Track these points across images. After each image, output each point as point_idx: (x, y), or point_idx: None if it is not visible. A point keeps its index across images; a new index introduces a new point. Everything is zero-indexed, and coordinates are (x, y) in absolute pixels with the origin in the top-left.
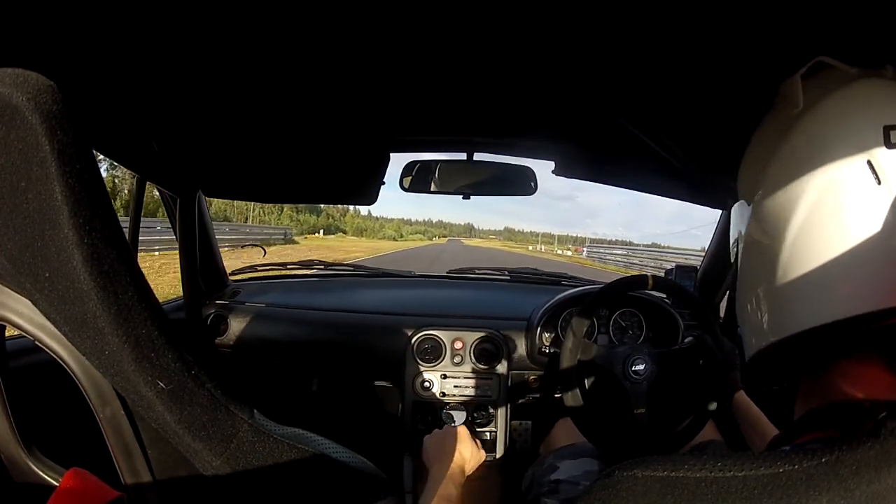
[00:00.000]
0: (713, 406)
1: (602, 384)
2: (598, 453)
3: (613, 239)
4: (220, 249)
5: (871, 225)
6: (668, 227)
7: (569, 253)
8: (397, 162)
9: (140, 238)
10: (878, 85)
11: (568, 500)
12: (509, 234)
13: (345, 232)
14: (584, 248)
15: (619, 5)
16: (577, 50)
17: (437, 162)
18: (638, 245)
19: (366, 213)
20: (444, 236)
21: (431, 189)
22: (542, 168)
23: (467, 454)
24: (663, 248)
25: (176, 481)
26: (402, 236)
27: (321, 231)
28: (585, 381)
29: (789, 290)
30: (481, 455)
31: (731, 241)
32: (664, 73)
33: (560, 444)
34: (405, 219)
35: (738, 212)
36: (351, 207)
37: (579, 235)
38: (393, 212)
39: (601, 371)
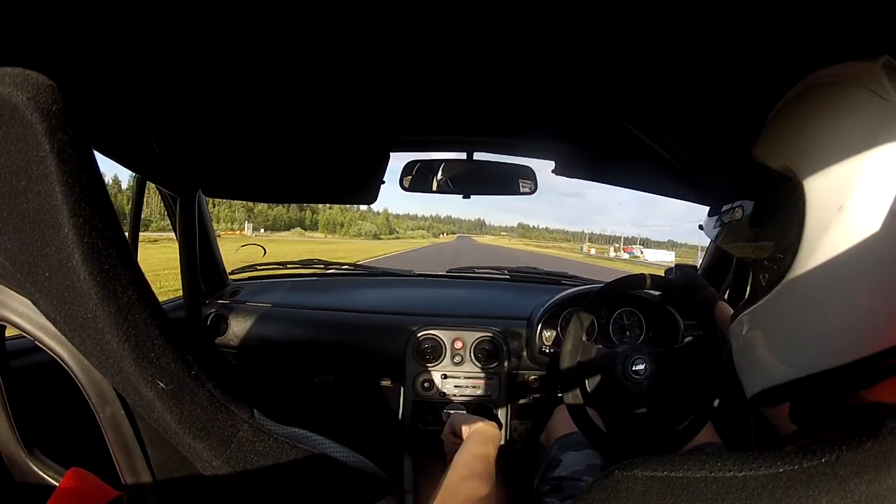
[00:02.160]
0: (716, 403)
1: (602, 384)
2: None
3: (631, 236)
4: None
5: None
6: (677, 224)
7: (667, 258)
8: (398, 160)
9: None
10: None
11: (570, 499)
12: (523, 231)
13: (305, 228)
14: (644, 250)
15: (619, 5)
16: (577, 50)
17: (437, 161)
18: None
19: (364, 208)
20: (453, 233)
21: (432, 189)
22: (547, 165)
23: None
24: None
25: (176, 481)
26: (392, 234)
27: (261, 229)
28: (586, 380)
29: (843, 315)
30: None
31: (750, 227)
32: (664, 74)
33: (561, 433)
34: (410, 214)
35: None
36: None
37: (610, 234)
38: (400, 208)
39: (601, 370)
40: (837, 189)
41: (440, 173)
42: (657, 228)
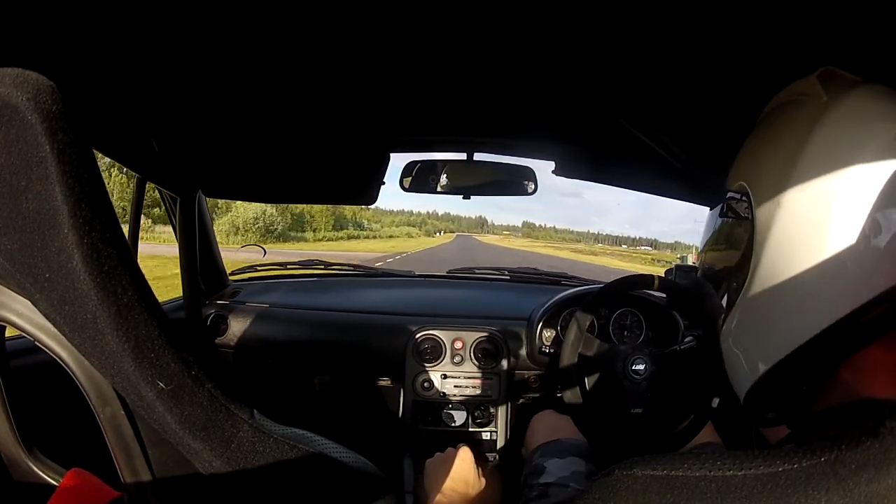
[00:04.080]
0: (716, 402)
1: (602, 383)
2: (585, 452)
3: (638, 237)
4: None
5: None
6: (675, 226)
7: None
8: (398, 160)
9: None
10: (881, 89)
11: None
12: (529, 230)
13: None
14: None
15: (619, 5)
16: (577, 50)
17: (437, 162)
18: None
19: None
20: (451, 231)
21: (432, 189)
22: (546, 165)
23: (469, 482)
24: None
25: (176, 482)
26: (342, 229)
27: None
28: (585, 379)
29: (799, 299)
30: (482, 483)
31: (722, 242)
32: (664, 74)
33: (541, 442)
34: (406, 210)
35: (736, 212)
36: None
37: (616, 235)
38: (395, 204)
39: (601, 369)
40: (776, 189)
41: (440, 174)
42: (661, 229)
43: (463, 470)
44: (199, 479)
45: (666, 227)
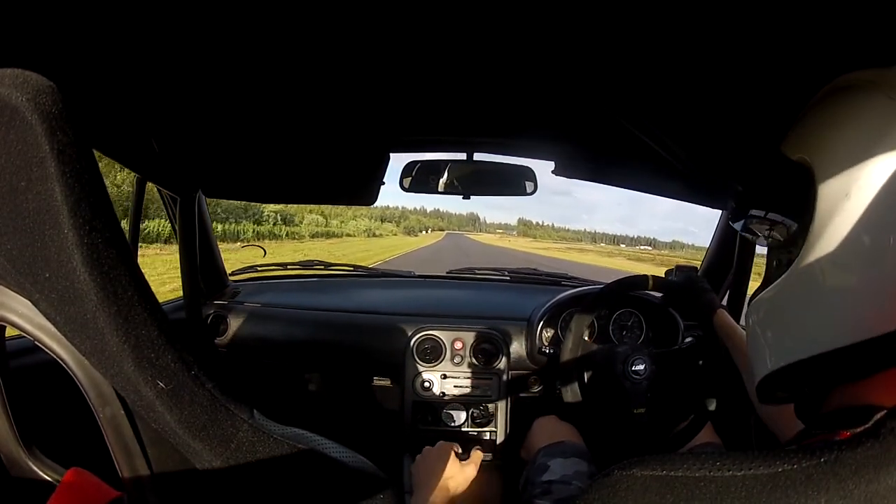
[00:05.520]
0: (713, 405)
1: (601, 383)
2: (587, 454)
3: (636, 236)
4: None
5: None
6: (665, 224)
7: None
8: (398, 160)
9: None
10: None
11: (561, 501)
12: (525, 229)
13: None
14: None
15: (619, 5)
16: (577, 50)
17: (436, 162)
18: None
19: None
20: (441, 229)
21: (431, 189)
22: (541, 164)
23: (450, 475)
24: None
25: (176, 482)
26: (247, 219)
27: None
28: (585, 380)
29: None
30: (467, 472)
31: (771, 212)
32: (665, 74)
33: (543, 444)
34: (391, 206)
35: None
36: None
37: (613, 234)
38: (392, 201)
39: (601, 369)
40: (846, 178)
41: (440, 174)
42: (651, 227)
43: (439, 461)
44: (199, 479)
45: (656, 224)
